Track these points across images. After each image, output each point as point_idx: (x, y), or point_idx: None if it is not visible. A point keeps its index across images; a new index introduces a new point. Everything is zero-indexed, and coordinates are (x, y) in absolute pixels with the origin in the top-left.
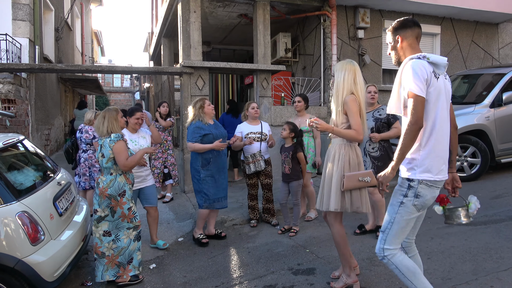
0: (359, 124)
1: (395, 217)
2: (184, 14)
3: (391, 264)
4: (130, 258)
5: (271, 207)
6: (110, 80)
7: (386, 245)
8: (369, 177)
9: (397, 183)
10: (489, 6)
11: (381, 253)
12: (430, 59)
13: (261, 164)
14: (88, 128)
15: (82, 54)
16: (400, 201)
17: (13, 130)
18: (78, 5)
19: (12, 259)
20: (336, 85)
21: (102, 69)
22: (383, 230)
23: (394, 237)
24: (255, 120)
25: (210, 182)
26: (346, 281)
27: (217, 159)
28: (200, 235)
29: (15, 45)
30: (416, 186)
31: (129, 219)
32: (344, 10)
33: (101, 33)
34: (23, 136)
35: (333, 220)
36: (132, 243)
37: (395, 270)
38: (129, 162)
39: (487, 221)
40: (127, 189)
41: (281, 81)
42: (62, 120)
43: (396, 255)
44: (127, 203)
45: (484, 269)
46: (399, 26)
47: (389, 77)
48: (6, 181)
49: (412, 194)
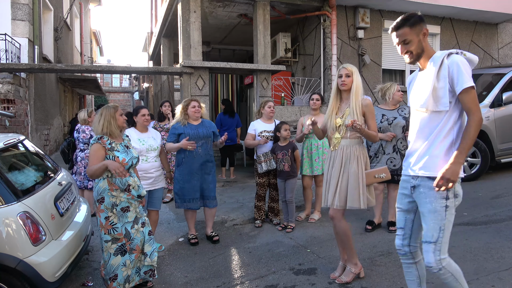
0: (376, 127)
1: (445, 223)
2: (184, 14)
3: (447, 273)
4: (114, 274)
5: (275, 206)
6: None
7: (442, 254)
8: (384, 173)
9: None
10: (488, 6)
11: (439, 265)
12: (466, 55)
13: (273, 163)
14: (85, 128)
15: (81, 54)
16: (445, 205)
17: (12, 130)
18: (77, 5)
19: (13, 259)
20: (356, 86)
21: (101, 69)
22: (434, 241)
23: (446, 244)
24: (270, 119)
25: (181, 182)
26: (355, 270)
27: (189, 160)
28: (191, 235)
29: (14, 45)
30: (454, 185)
31: (106, 230)
32: (344, 10)
33: (100, 33)
34: (23, 136)
35: (341, 216)
36: (112, 257)
37: (449, 279)
38: (88, 170)
39: (487, 221)
40: (107, 195)
41: (281, 81)
42: (61, 120)
43: (451, 262)
44: (105, 211)
45: (485, 268)
46: (420, 18)
47: (388, 77)
48: (7, 181)
49: (452, 195)
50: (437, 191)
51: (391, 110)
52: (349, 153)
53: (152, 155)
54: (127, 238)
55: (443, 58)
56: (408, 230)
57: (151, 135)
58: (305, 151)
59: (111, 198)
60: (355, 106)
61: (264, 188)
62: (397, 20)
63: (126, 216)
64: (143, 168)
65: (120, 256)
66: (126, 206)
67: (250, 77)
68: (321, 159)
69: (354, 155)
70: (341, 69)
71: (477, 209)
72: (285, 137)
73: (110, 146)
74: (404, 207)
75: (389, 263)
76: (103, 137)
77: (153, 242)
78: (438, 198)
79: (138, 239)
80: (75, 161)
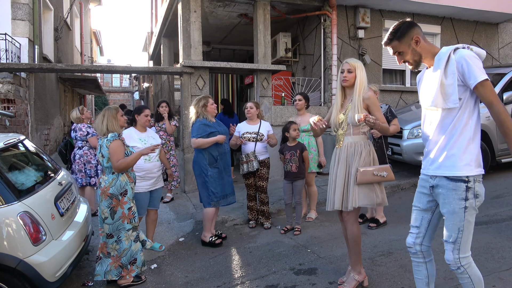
0: (384, 117)
1: (463, 224)
2: (184, 13)
3: (465, 274)
4: (133, 258)
5: (265, 209)
6: (109, 80)
7: (461, 253)
8: (386, 171)
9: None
10: (489, 6)
11: (457, 264)
12: (473, 50)
13: (253, 165)
14: (81, 126)
15: (81, 54)
16: (464, 206)
17: (12, 130)
18: (77, 5)
19: (13, 259)
20: (359, 82)
21: (102, 69)
22: (453, 241)
23: (466, 243)
24: (252, 120)
25: (217, 179)
26: (359, 278)
27: (223, 157)
28: (211, 237)
29: (15, 45)
30: (473, 186)
31: (129, 220)
32: (345, 10)
33: (100, 32)
34: (23, 136)
35: (354, 219)
36: (133, 243)
37: (466, 280)
38: (120, 164)
39: (488, 221)
40: (129, 188)
41: (281, 81)
42: (61, 120)
43: (472, 264)
44: (128, 202)
45: (486, 268)
46: (407, 27)
47: (389, 77)
48: (7, 181)
49: (472, 195)
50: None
51: None
52: (353, 151)
53: (154, 154)
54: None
55: (449, 54)
56: (423, 230)
57: (151, 134)
58: None
59: (132, 190)
60: (357, 101)
61: (252, 188)
62: (387, 34)
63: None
64: (147, 168)
65: (138, 242)
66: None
67: (250, 77)
68: (308, 157)
69: (358, 152)
70: (344, 64)
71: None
72: (294, 137)
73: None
74: (423, 206)
75: (390, 263)
76: (120, 134)
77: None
78: (457, 200)
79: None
80: (73, 160)
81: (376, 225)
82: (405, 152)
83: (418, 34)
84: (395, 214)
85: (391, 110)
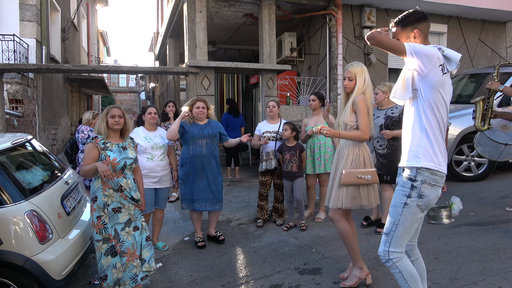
0: (366, 124)
1: (399, 219)
2: (189, 14)
3: (395, 268)
4: (104, 274)
5: (279, 207)
6: (115, 80)
7: (391, 247)
8: (370, 175)
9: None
10: (496, 4)
11: (386, 256)
12: (444, 52)
13: (272, 163)
14: (84, 128)
15: (88, 55)
16: (404, 202)
17: (20, 130)
18: (84, 6)
19: (21, 257)
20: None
21: (108, 69)
22: (386, 233)
23: (399, 239)
24: (273, 119)
25: (185, 182)
26: (360, 275)
27: (193, 160)
28: (198, 238)
29: (23, 46)
30: (419, 186)
31: (98, 230)
32: (350, 9)
33: (106, 33)
34: (31, 136)
35: (339, 217)
36: (103, 257)
37: (397, 275)
38: (81, 169)
39: (494, 221)
40: (99, 195)
41: (286, 80)
42: (68, 120)
43: (402, 259)
44: (97, 210)
45: (492, 269)
46: (415, 19)
47: (395, 76)
48: (14, 180)
49: (416, 195)
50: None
51: (380, 110)
52: (343, 153)
53: (158, 153)
54: (116, 240)
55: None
56: None
57: (159, 133)
58: (309, 150)
59: (104, 198)
60: (348, 105)
61: (266, 187)
62: (398, 17)
63: (117, 217)
64: (148, 166)
65: (111, 257)
66: (118, 207)
67: (255, 76)
68: (323, 158)
69: (346, 154)
70: (345, 72)
71: (484, 209)
72: (287, 137)
73: (104, 146)
74: None
75: None
76: (97, 136)
77: (150, 248)
78: (400, 195)
79: (129, 242)
80: (77, 162)
81: (367, 223)
82: None
83: (420, 30)
84: None
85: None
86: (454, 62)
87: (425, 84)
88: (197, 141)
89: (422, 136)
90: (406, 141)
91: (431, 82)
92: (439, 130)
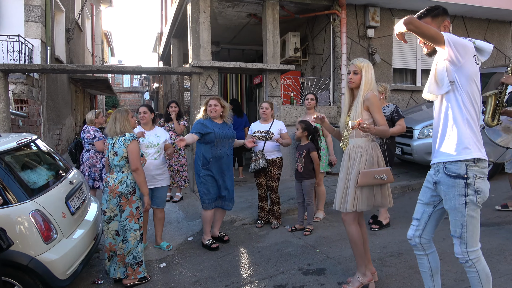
0: (384, 119)
1: (466, 219)
2: (193, 14)
3: (473, 268)
4: (139, 260)
5: (275, 209)
6: (119, 81)
7: (469, 247)
8: (386, 175)
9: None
10: (501, 3)
11: (465, 257)
12: (476, 43)
13: (259, 163)
14: (90, 128)
15: (93, 55)
16: (464, 202)
17: (25, 130)
18: (89, 6)
19: (25, 257)
20: (364, 83)
21: (112, 69)
22: (459, 236)
23: (472, 237)
24: (265, 120)
25: (209, 182)
26: (362, 280)
27: (217, 160)
28: (209, 240)
29: (28, 46)
30: (473, 182)
31: (136, 219)
32: (354, 9)
33: (111, 34)
34: (36, 136)
35: (351, 220)
36: (139, 244)
37: (473, 274)
38: (138, 169)
39: (500, 222)
40: (137, 187)
41: (290, 80)
42: (73, 120)
43: (481, 259)
44: (136, 202)
45: (497, 270)
46: (444, 12)
47: (399, 76)
48: (19, 180)
49: (473, 192)
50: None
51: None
52: (355, 154)
53: (151, 151)
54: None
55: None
56: (423, 222)
57: (155, 132)
58: None
59: (139, 190)
60: (358, 102)
61: (262, 188)
62: (421, 10)
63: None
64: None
65: (141, 243)
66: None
67: (259, 76)
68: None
69: (359, 154)
70: (350, 65)
71: (489, 210)
72: (298, 137)
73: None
74: (426, 200)
75: (399, 264)
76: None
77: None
78: (457, 196)
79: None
80: (81, 161)
81: (378, 227)
82: (416, 152)
83: (448, 22)
84: (405, 215)
85: (398, 110)
86: (487, 53)
87: (461, 75)
88: (222, 141)
89: (465, 127)
90: (448, 135)
91: (468, 73)
92: (478, 120)
